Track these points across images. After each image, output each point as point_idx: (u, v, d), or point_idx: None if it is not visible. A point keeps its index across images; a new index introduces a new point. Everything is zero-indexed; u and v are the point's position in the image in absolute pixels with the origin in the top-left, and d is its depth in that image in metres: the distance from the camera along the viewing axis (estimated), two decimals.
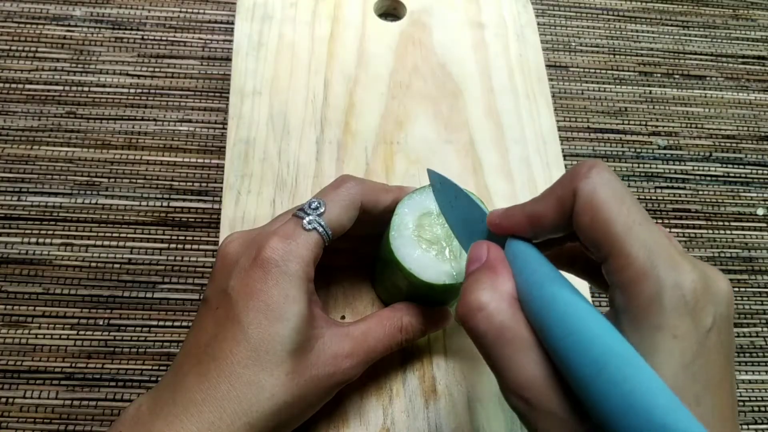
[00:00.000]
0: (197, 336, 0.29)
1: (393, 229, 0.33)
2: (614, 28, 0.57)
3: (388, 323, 0.33)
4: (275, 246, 0.29)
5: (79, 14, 0.51)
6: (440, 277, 0.32)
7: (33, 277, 0.42)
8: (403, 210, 0.33)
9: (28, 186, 0.45)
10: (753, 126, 0.54)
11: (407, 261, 0.32)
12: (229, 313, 0.29)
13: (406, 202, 0.33)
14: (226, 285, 0.29)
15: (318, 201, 0.31)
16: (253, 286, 0.29)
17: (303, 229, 0.30)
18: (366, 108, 0.45)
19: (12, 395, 0.39)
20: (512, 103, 0.46)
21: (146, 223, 0.44)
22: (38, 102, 0.48)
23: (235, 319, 0.28)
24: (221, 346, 0.28)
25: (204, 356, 0.28)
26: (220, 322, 0.29)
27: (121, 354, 0.40)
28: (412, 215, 0.33)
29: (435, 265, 0.32)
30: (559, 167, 0.44)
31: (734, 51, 0.57)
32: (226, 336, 0.28)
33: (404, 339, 0.33)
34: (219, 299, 0.29)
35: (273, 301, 0.28)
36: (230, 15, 0.52)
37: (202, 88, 0.49)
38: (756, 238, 0.50)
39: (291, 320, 0.28)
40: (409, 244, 0.32)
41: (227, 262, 0.30)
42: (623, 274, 0.22)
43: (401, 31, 0.48)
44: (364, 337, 0.32)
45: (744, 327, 0.47)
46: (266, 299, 0.28)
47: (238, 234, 0.32)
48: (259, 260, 0.29)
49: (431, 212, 0.34)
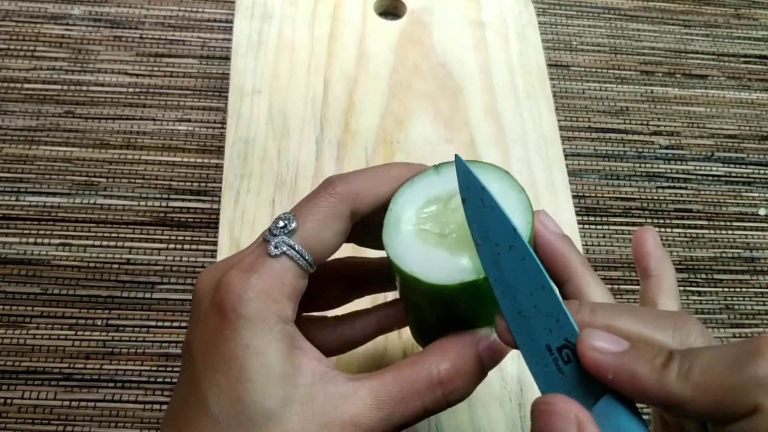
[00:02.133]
0: (174, 397, 0.24)
1: (386, 226, 0.25)
2: (616, 27, 0.57)
3: (413, 374, 0.23)
4: (231, 282, 0.23)
5: (77, 13, 0.51)
6: (453, 274, 0.23)
7: (31, 277, 0.42)
8: (399, 201, 0.25)
9: (26, 186, 0.44)
10: (755, 126, 0.54)
11: (406, 261, 0.24)
12: (190, 373, 0.23)
13: (403, 192, 0.25)
14: (190, 336, 0.24)
15: (287, 217, 0.24)
16: (210, 336, 0.23)
17: (268, 255, 0.23)
18: (366, 107, 0.44)
19: (10, 396, 0.38)
20: (513, 103, 0.46)
21: (145, 223, 0.44)
22: (36, 101, 0.47)
23: (195, 381, 0.23)
24: (186, 415, 0.23)
25: (174, 426, 0.23)
26: (186, 382, 0.23)
27: (120, 354, 0.40)
28: (412, 206, 0.25)
29: (445, 261, 0.23)
30: (561, 167, 0.44)
31: (736, 50, 0.57)
32: (189, 402, 0.23)
33: (446, 396, 0.24)
34: (186, 354, 0.24)
35: (231, 355, 0.22)
36: (229, 14, 0.52)
37: (201, 87, 0.49)
38: (758, 238, 0.49)
39: (255, 380, 0.22)
40: (407, 240, 0.24)
41: (194, 302, 0.25)
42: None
43: (401, 30, 0.48)
44: (375, 400, 0.23)
45: (746, 328, 0.46)
46: (223, 353, 0.22)
47: (210, 267, 0.25)
48: (215, 303, 0.23)
49: (439, 198, 0.25)
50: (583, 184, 0.49)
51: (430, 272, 0.23)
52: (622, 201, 0.49)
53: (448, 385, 0.24)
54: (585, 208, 0.49)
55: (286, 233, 0.24)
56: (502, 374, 0.37)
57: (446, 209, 0.25)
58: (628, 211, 0.49)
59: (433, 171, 0.26)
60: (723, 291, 0.47)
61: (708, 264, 0.48)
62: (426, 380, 0.23)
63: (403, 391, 0.23)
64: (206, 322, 0.23)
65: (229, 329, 0.22)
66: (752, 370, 0.18)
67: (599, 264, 0.47)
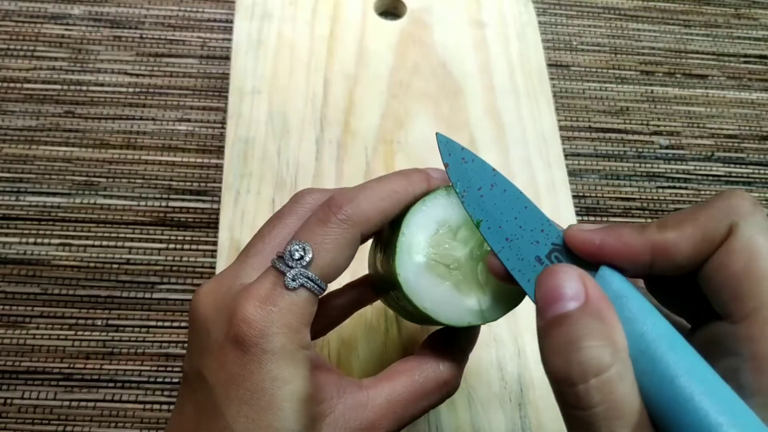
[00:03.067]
0: (180, 422, 0.25)
1: (399, 253, 0.25)
2: (616, 27, 0.57)
3: (421, 378, 0.25)
4: (252, 317, 0.23)
5: (77, 13, 0.51)
6: (462, 316, 0.25)
7: (31, 277, 0.42)
8: (411, 227, 0.25)
9: (26, 186, 0.44)
10: (755, 126, 0.54)
11: (418, 295, 0.25)
12: (209, 402, 0.23)
13: (414, 215, 0.26)
14: (201, 364, 0.24)
15: (302, 247, 0.24)
16: (231, 370, 0.23)
17: (286, 288, 0.23)
18: (366, 107, 0.44)
19: (10, 396, 0.38)
20: (513, 103, 0.46)
21: (145, 223, 0.44)
22: (36, 101, 0.47)
23: (217, 411, 0.23)
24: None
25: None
26: (201, 410, 0.24)
27: (120, 354, 0.40)
28: (423, 232, 0.25)
29: (453, 299, 0.25)
30: (561, 167, 0.44)
31: (736, 50, 0.57)
32: (210, 430, 0.23)
33: (449, 393, 0.26)
34: (196, 381, 0.24)
35: (258, 388, 0.23)
36: (229, 13, 0.52)
37: (201, 87, 0.49)
38: None
39: (285, 408, 0.22)
40: (420, 272, 0.25)
41: (198, 327, 0.25)
42: (763, 345, 0.18)
43: (401, 29, 0.48)
44: (389, 405, 0.25)
45: None
46: (249, 387, 0.23)
47: (208, 287, 0.25)
48: (234, 336, 0.23)
49: (448, 224, 0.26)
50: (583, 184, 0.49)
51: (441, 309, 0.25)
52: (622, 201, 0.49)
53: (452, 382, 0.26)
54: (585, 208, 0.49)
55: (303, 265, 0.23)
56: (502, 374, 0.37)
57: (455, 239, 0.26)
58: (629, 211, 0.49)
59: (444, 192, 0.26)
60: None
61: None
62: (434, 382, 0.26)
63: (414, 395, 0.25)
64: (223, 355, 0.23)
65: (254, 364, 0.23)
66: (724, 200, 0.20)
67: None
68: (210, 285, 0.25)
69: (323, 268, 0.24)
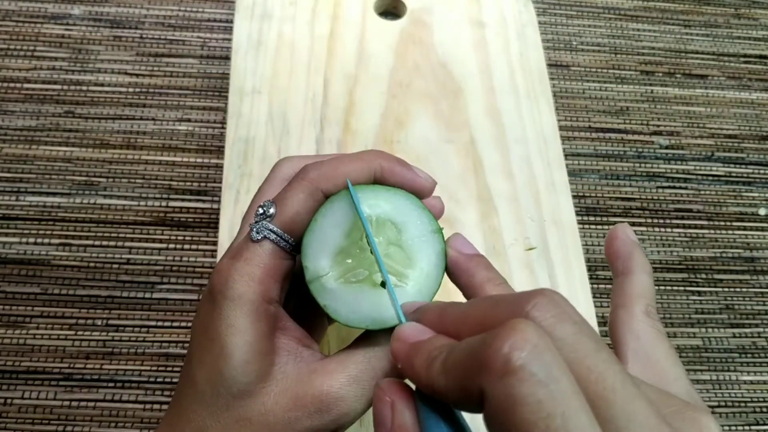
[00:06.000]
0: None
1: (312, 286, 0.25)
2: (616, 27, 0.57)
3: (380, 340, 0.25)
4: (220, 269, 0.25)
5: (77, 13, 0.51)
6: (362, 319, 0.24)
7: (31, 277, 0.42)
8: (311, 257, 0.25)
9: (27, 186, 0.44)
10: (755, 125, 0.54)
11: (350, 319, 0.24)
12: (187, 355, 0.26)
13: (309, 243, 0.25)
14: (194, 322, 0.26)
15: (266, 203, 0.26)
16: (202, 319, 0.25)
17: (251, 241, 0.25)
18: (366, 107, 0.44)
19: (10, 396, 0.38)
20: (513, 103, 0.46)
21: (145, 223, 0.44)
22: (36, 101, 0.47)
23: (188, 359, 0.25)
24: (179, 389, 0.25)
25: (173, 404, 0.26)
26: (184, 364, 0.26)
27: (120, 354, 0.40)
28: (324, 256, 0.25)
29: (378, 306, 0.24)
30: (561, 167, 0.44)
31: (736, 50, 0.57)
32: (182, 380, 0.25)
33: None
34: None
35: (216, 334, 0.24)
36: (229, 13, 0.52)
37: (201, 87, 0.49)
38: (758, 238, 0.49)
39: (235, 355, 0.23)
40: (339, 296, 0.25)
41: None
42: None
43: (401, 29, 0.48)
44: (344, 370, 0.24)
45: (746, 328, 0.46)
46: (210, 333, 0.24)
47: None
48: (208, 289, 0.25)
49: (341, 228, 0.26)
50: (583, 184, 0.49)
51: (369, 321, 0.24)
52: (622, 201, 0.49)
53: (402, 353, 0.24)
54: (585, 208, 0.49)
55: (265, 219, 0.25)
56: None
57: (352, 244, 0.25)
58: (629, 211, 0.49)
59: (328, 204, 0.26)
60: (723, 291, 0.47)
61: (708, 264, 0.48)
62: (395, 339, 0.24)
63: (367, 354, 0.25)
64: (202, 308, 0.25)
65: (216, 311, 0.24)
66: (480, 353, 0.17)
67: (599, 264, 0.47)
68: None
69: (285, 221, 0.25)
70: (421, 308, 0.23)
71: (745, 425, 0.43)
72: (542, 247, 0.41)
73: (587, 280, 0.40)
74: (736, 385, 0.45)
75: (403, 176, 0.27)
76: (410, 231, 0.26)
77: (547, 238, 0.41)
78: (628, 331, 0.25)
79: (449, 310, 0.22)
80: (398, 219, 0.26)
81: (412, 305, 0.24)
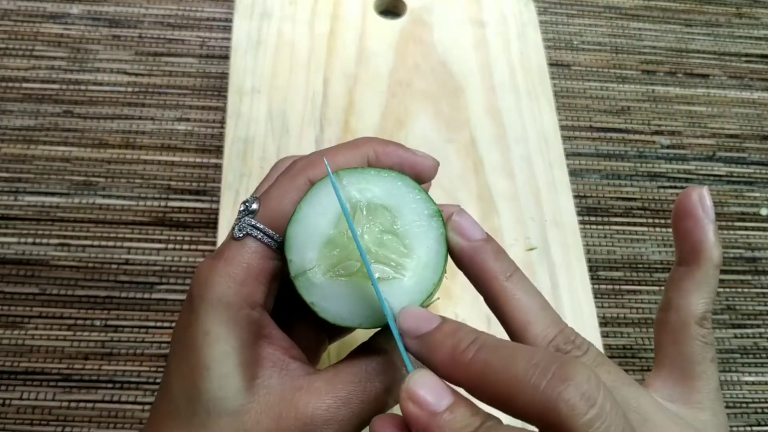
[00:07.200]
0: None
1: (298, 282, 0.22)
2: (617, 26, 0.57)
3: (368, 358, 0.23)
4: (200, 270, 0.22)
5: (76, 12, 0.51)
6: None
7: (29, 277, 0.41)
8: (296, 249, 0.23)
9: (25, 186, 0.44)
10: (757, 125, 0.54)
11: (339, 316, 0.22)
12: (167, 362, 0.23)
13: (294, 234, 0.23)
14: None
15: (249, 199, 0.24)
16: (181, 324, 0.23)
17: (233, 239, 0.23)
18: (366, 106, 0.44)
19: (8, 396, 0.38)
20: (514, 102, 0.46)
21: (144, 223, 0.44)
22: (35, 101, 0.47)
23: (166, 369, 0.23)
24: (156, 402, 0.23)
25: (152, 411, 0.23)
26: (164, 371, 0.24)
27: (119, 355, 0.40)
28: (310, 247, 0.23)
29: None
30: (561, 166, 0.44)
31: (738, 49, 0.57)
32: (161, 388, 0.23)
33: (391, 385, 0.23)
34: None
35: (192, 343, 0.21)
36: (229, 12, 0.52)
37: (200, 86, 0.49)
38: (759, 238, 0.49)
39: (212, 369, 0.21)
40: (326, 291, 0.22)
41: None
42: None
43: (401, 28, 0.48)
44: (331, 389, 0.22)
45: (747, 328, 0.46)
46: (186, 341, 0.22)
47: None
48: (188, 292, 0.23)
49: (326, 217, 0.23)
50: (584, 184, 0.49)
51: (362, 319, 0.23)
52: (623, 201, 0.49)
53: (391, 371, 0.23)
54: (586, 208, 0.48)
55: (247, 214, 0.23)
56: None
57: (341, 234, 0.23)
58: (630, 211, 0.49)
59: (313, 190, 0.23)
60: (724, 291, 0.47)
61: None
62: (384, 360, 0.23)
63: (359, 375, 0.22)
64: (182, 313, 0.23)
65: (193, 314, 0.22)
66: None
67: (600, 264, 0.46)
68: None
69: (270, 216, 0.23)
70: (429, 340, 0.20)
71: (747, 426, 0.43)
72: (543, 247, 0.41)
73: (588, 281, 0.40)
74: (738, 386, 0.44)
75: (400, 156, 0.24)
76: (405, 216, 0.23)
77: (547, 238, 0.41)
78: (673, 341, 0.23)
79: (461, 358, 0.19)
80: (391, 203, 0.23)
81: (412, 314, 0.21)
